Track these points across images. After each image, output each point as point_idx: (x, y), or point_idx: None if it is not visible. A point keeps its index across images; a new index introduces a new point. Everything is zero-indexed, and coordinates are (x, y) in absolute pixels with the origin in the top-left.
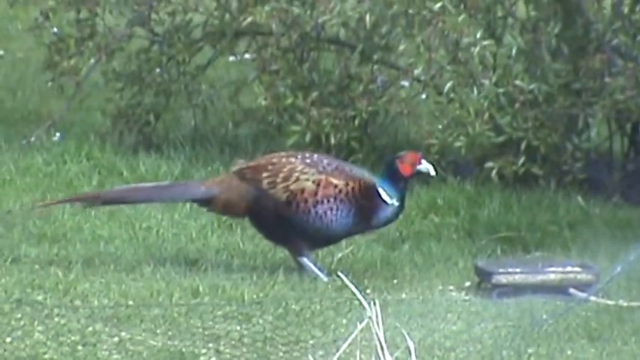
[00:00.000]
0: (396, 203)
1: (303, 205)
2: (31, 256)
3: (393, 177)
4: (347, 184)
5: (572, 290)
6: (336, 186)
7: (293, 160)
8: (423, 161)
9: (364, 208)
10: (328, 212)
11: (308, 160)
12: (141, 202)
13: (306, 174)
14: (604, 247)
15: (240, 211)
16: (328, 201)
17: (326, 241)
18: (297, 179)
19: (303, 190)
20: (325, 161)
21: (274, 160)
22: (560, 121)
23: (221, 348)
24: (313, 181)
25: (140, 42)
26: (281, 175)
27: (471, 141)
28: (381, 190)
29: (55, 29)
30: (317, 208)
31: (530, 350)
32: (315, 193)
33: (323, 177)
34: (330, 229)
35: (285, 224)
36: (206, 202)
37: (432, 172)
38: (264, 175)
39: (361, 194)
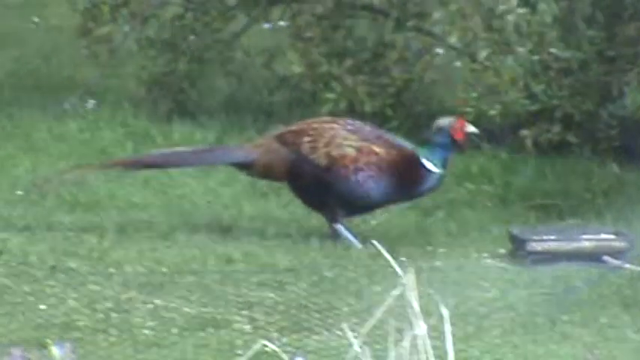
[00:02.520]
0: (442, 171)
1: (343, 171)
2: (65, 224)
3: (443, 145)
4: (389, 153)
5: (606, 258)
6: (377, 154)
7: (335, 125)
8: (468, 124)
9: (406, 178)
10: (369, 180)
11: (350, 127)
12: (181, 166)
13: (348, 140)
14: (638, 215)
15: (279, 176)
16: (369, 168)
17: (365, 208)
18: (339, 145)
19: (344, 156)
20: (367, 129)
21: (316, 126)
22: (595, 88)
23: (255, 315)
24: (355, 148)
25: (174, 9)
26: (322, 141)
27: (506, 109)
28: (425, 161)
29: None
30: (357, 175)
31: (564, 317)
32: (357, 160)
33: (365, 144)
34: (370, 196)
35: (324, 190)
36: (246, 166)
37: (477, 131)
38: (306, 139)
39: (403, 163)
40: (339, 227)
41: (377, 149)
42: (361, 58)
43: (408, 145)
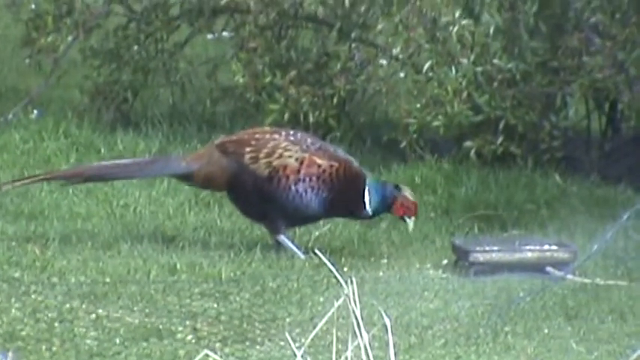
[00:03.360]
0: (369, 214)
1: (284, 181)
2: (8, 233)
3: (384, 199)
4: (331, 165)
5: (549, 268)
6: (319, 166)
7: (277, 136)
8: (413, 217)
9: (345, 191)
10: (308, 191)
11: (292, 138)
12: (122, 178)
13: (290, 151)
14: (581, 226)
15: (220, 186)
16: (310, 180)
17: (304, 219)
18: (281, 155)
19: (285, 167)
20: (309, 140)
21: (257, 136)
22: (538, 99)
23: (198, 325)
24: (296, 159)
25: (118, 19)
26: (264, 151)
27: (450, 120)
28: (367, 190)
29: (33, 6)
30: (298, 186)
31: (506, 328)
32: (298, 171)
33: (306, 155)
34: (309, 208)
35: (265, 200)
36: (186, 178)
37: (410, 229)
38: (247, 149)
39: (345, 176)
40: (282, 238)
41: (319, 161)
42: (305, 69)
43: (349, 157)
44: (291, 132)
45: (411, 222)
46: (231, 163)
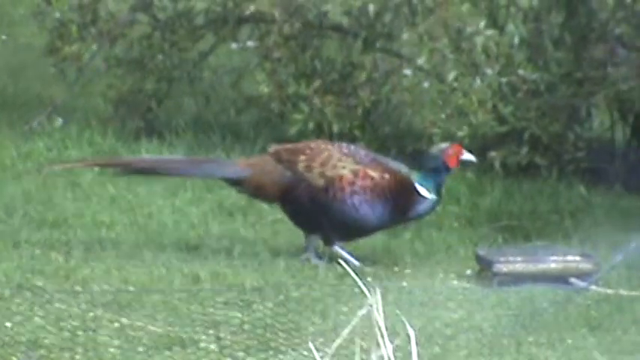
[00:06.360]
0: (435, 197)
1: (339, 193)
2: (32, 241)
3: (436, 170)
4: (383, 178)
5: (572, 279)
6: (372, 178)
7: (330, 147)
8: (464, 151)
9: (399, 202)
10: (364, 204)
11: (345, 150)
12: (172, 175)
13: (343, 162)
14: (605, 237)
15: (272, 195)
16: (365, 192)
17: (359, 232)
18: (335, 167)
19: (340, 178)
20: (362, 152)
21: (312, 145)
22: (563, 110)
23: (221, 334)
24: (350, 170)
25: (142, 28)
26: (317, 160)
27: (474, 130)
28: (418, 186)
29: (58, 14)
30: (353, 199)
31: (530, 339)
32: (353, 183)
33: (360, 167)
34: (365, 221)
35: (320, 211)
36: (238, 183)
37: (474, 160)
38: (301, 157)
39: (397, 187)
40: (336, 249)
41: (372, 173)
42: (329, 79)
43: (402, 167)
44: (344, 145)
45: (468, 156)
46: (284, 172)
